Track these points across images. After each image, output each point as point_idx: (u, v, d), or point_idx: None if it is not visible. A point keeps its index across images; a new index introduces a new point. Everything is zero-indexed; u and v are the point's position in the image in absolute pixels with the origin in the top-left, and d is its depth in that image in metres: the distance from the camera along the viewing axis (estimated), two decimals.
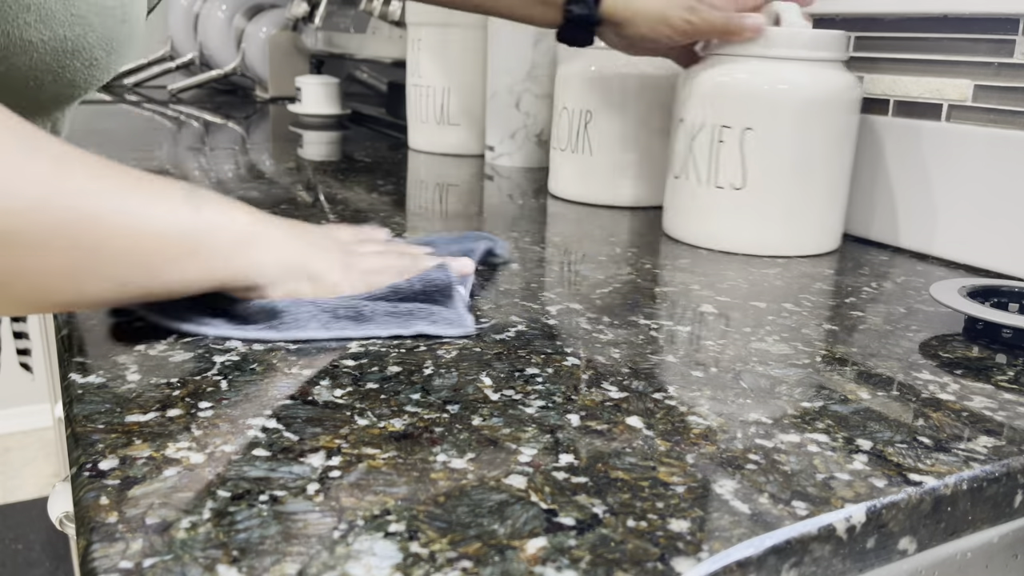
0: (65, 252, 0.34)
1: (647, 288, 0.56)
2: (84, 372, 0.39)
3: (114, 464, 0.31)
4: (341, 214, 0.75)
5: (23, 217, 0.32)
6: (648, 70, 0.80)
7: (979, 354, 0.47)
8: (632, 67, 0.80)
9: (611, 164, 0.82)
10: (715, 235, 0.67)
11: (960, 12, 0.63)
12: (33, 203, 0.32)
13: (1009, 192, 0.62)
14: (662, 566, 0.27)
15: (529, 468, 0.32)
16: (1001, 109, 0.63)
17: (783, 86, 0.63)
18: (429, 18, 1.12)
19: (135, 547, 0.26)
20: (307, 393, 0.37)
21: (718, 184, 0.66)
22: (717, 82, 0.65)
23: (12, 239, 0.32)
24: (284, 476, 0.30)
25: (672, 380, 0.41)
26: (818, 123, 0.64)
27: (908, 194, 0.69)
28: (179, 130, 1.31)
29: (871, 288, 0.59)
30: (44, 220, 0.32)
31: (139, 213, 0.36)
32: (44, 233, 0.33)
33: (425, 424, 0.35)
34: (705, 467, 0.33)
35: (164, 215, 0.38)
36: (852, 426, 0.37)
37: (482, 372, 0.41)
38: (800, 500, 0.31)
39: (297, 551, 0.26)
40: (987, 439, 0.36)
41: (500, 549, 0.27)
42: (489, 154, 1.09)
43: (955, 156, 0.65)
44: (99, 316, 0.46)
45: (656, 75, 0.81)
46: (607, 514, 0.29)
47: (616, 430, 0.35)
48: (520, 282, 0.56)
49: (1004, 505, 0.35)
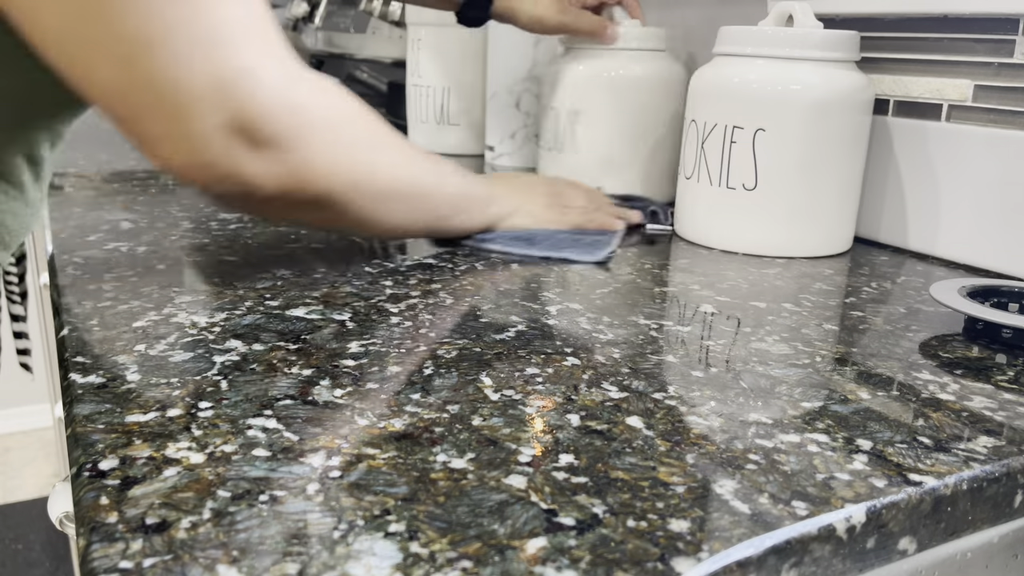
0: (413, 202, 0.56)
1: (647, 288, 0.56)
2: (84, 372, 0.39)
3: (114, 464, 0.31)
4: None
5: (404, 183, 0.54)
6: (636, 71, 0.80)
7: (979, 354, 0.47)
8: (622, 68, 0.80)
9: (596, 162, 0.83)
10: (727, 236, 0.67)
11: (960, 12, 0.63)
12: (408, 177, 0.55)
13: (1009, 192, 0.62)
14: (662, 566, 0.27)
15: (529, 468, 0.32)
16: (1001, 109, 0.63)
17: (795, 87, 0.63)
18: (429, 18, 1.12)
19: (135, 547, 0.26)
20: (307, 393, 0.37)
21: (730, 185, 0.66)
22: (729, 83, 0.65)
23: (395, 194, 0.54)
24: (284, 476, 0.30)
25: (672, 380, 0.41)
26: (831, 124, 0.63)
27: (908, 194, 0.69)
28: None
29: (871, 288, 0.59)
30: (409, 186, 0.55)
31: (445, 182, 0.60)
32: (408, 191, 0.55)
33: (425, 424, 0.35)
34: (705, 467, 0.33)
35: (455, 183, 0.61)
36: (852, 426, 0.37)
37: (482, 372, 0.41)
38: (800, 500, 0.31)
39: (297, 551, 0.26)
40: (987, 439, 0.36)
41: (500, 549, 0.27)
42: (489, 154, 1.09)
43: (955, 156, 0.65)
44: (99, 316, 0.46)
45: (645, 76, 0.81)
46: (607, 514, 0.29)
47: (616, 430, 0.35)
48: (520, 282, 0.56)
49: (1004, 505, 0.35)
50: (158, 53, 0.40)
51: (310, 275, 0.55)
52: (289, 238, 0.65)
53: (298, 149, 0.45)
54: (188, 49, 0.40)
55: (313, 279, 0.55)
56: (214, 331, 0.45)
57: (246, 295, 0.51)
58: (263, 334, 0.44)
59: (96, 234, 0.64)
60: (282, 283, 0.53)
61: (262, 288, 0.52)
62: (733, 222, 0.66)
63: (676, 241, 0.70)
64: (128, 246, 0.61)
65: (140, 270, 0.55)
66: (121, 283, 0.52)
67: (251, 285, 0.53)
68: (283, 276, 0.55)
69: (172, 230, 0.66)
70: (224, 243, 0.63)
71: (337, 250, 0.62)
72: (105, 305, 0.48)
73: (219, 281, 0.53)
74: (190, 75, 0.41)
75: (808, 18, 0.66)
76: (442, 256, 0.62)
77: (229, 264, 0.57)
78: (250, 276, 0.55)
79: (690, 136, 0.69)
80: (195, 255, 0.59)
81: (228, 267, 0.57)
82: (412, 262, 0.60)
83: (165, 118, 0.42)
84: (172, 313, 0.47)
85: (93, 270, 0.54)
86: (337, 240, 0.65)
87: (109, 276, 0.53)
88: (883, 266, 0.65)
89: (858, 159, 0.66)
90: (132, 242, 0.62)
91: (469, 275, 0.57)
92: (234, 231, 0.67)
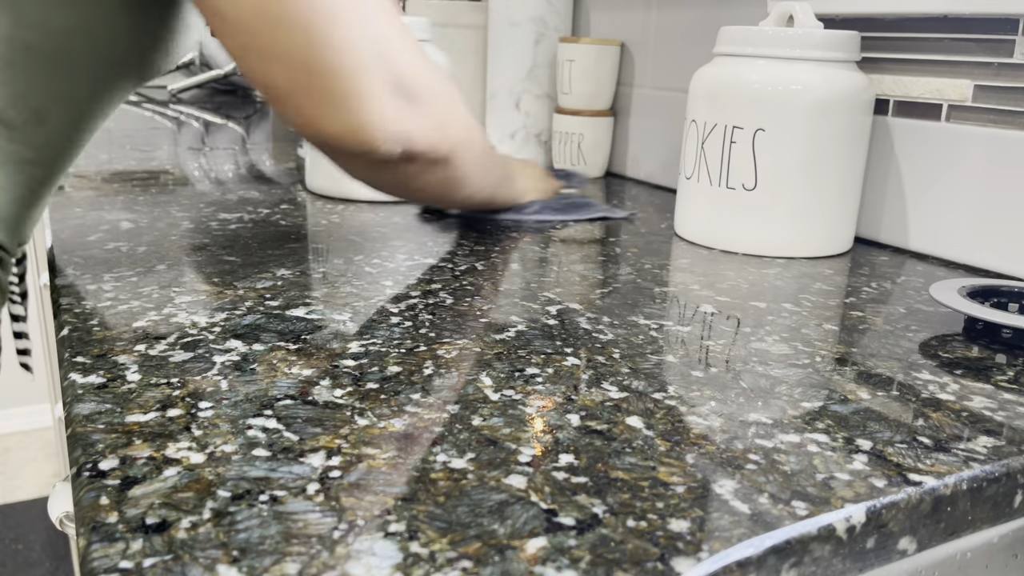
0: (488, 165, 0.64)
1: (647, 288, 0.56)
2: (84, 372, 0.39)
3: (114, 464, 0.31)
4: (342, 214, 0.75)
5: (485, 144, 0.62)
6: None
7: (979, 354, 0.47)
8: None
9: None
10: (727, 236, 0.67)
11: (960, 12, 0.63)
12: (484, 138, 0.61)
13: (1009, 192, 0.62)
14: (662, 566, 0.27)
15: (529, 468, 0.32)
16: (1001, 109, 0.63)
17: (796, 87, 0.63)
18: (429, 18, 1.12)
19: (135, 547, 0.26)
20: (307, 393, 0.37)
21: (730, 185, 0.66)
22: (729, 83, 0.65)
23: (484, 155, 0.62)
24: (284, 476, 0.30)
25: (672, 380, 0.41)
26: (831, 124, 0.63)
27: (908, 194, 0.69)
28: (179, 130, 1.31)
29: (871, 288, 0.59)
30: (487, 149, 0.63)
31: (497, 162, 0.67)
32: (488, 153, 0.63)
33: (425, 424, 0.35)
34: (705, 467, 0.33)
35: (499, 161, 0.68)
36: (852, 426, 0.37)
37: (482, 372, 0.41)
38: (800, 500, 0.31)
39: (297, 551, 0.26)
40: (987, 439, 0.36)
41: (500, 549, 0.27)
42: None
43: (955, 156, 0.65)
44: (99, 316, 0.46)
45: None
46: (607, 514, 0.29)
47: (616, 430, 0.35)
48: (520, 282, 0.56)
49: (1004, 505, 0.35)
50: (333, 28, 0.45)
51: (310, 275, 0.55)
52: (289, 238, 0.65)
53: (438, 103, 0.52)
54: (358, 24, 0.46)
55: (313, 279, 0.55)
56: (214, 331, 0.45)
57: (246, 295, 0.51)
58: (263, 334, 0.44)
59: (96, 234, 0.64)
60: (282, 283, 0.53)
61: (262, 288, 0.52)
62: (733, 222, 0.66)
63: (676, 241, 0.70)
64: (128, 246, 0.61)
65: (140, 270, 0.55)
66: (121, 283, 0.52)
67: (251, 285, 0.53)
68: (283, 276, 0.55)
69: (172, 230, 0.66)
70: (224, 243, 0.63)
71: (338, 250, 0.62)
72: (105, 305, 0.48)
73: (219, 281, 0.53)
74: (358, 46, 0.46)
75: (808, 18, 0.66)
76: (442, 256, 0.62)
77: (229, 264, 0.57)
78: (250, 276, 0.55)
79: (690, 136, 0.69)
80: (195, 255, 0.59)
81: (228, 267, 0.57)
82: (412, 262, 0.60)
83: (338, 89, 0.46)
84: (172, 313, 0.47)
85: (93, 270, 0.54)
86: (337, 240, 0.65)
87: (109, 276, 0.53)
88: (883, 266, 0.65)
89: (858, 159, 0.66)
90: (132, 242, 0.62)
91: (469, 275, 0.57)
92: (234, 231, 0.67)
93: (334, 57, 0.45)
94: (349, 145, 0.48)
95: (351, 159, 0.51)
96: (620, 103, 1.04)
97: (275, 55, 0.45)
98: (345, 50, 0.45)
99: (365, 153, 0.49)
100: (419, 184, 0.58)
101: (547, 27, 1.04)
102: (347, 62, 0.46)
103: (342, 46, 0.45)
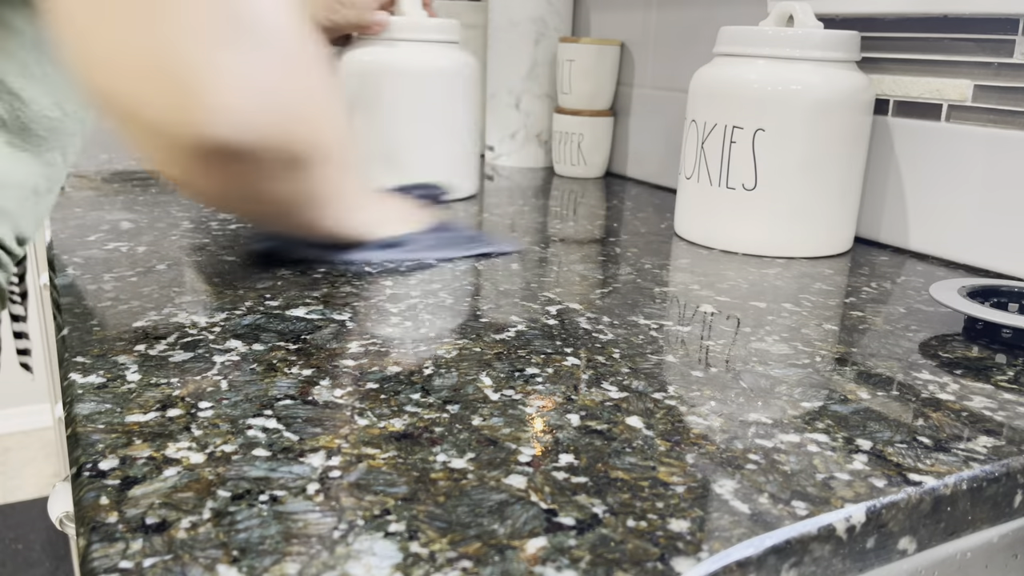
0: (331, 187, 0.52)
1: (647, 288, 0.56)
2: (84, 372, 0.39)
3: (114, 464, 0.31)
4: None
5: (322, 160, 0.48)
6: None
7: (979, 354, 0.47)
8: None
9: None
10: (727, 236, 0.67)
11: (960, 12, 0.63)
12: (327, 153, 0.49)
13: (1009, 192, 0.62)
14: (662, 566, 0.27)
15: (529, 468, 0.32)
16: (1001, 109, 0.63)
17: (795, 87, 0.63)
18: None
19: (135, 547, 0.26)
20: (307, 393, 0.37)
21: (730, 185, 0.66)
22: (729, 83, 0.65)
23: None
24: (284, 476, 0.30)
25: (672, 380, 0.41)
26: (831, 124, 0.63)
27: (908, 194, 0.69)
28: None
29: (871, 288, 0.59)
30: (328, 162, 0.49)
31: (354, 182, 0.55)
32: (323, 170, 0.49)
33: (425, 424, 0.35)
34: (705, 467, 0.33)
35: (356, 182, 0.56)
36: (852, 426, 0.37)
37: (482, 372, 0.41)
38: (800, 500, 0.31)
39: (297, 551, 0.26)
40: (987, 439, 0.36)
41: (500, 549, 0.27)
42: (489, 154, 1.09)
43: (955, 156, 0.65)
44: (99, 316, 0.46)
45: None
46: (607, 514, 0.29)
47: (616, 430, 0.35)
48: (520, 282, 0.56)
49: (1004, 505, 0.35)
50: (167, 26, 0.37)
51: (310, 275, 0.55)
52: None
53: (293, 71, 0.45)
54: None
55: (313, 279, 0.55)
56: (214, 331, 0.45)
57: (246, 295, 0.51)
58: (263, 334, 0.44)
59: (96, 234, 0.64)
60: (282, 283, 0.53)
61: (262, 288, 0.52)
62: (733, 222, 0.66)
63: (676, 241, 0.70)
64: (128, 246, 0.61)
65: (140, 270, 0.55)
66: (121, 283, 0.52)
67: (251, 285, 0.53)
68: (283, 276, 0.55)
69: (172, 230, 0.66)
70: (224, 243, 0.63)
71: None
72: (105, 305, 0.48)
73: (219, 281, 0.53)
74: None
75: (808, 18, 0.66)
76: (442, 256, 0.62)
77: (229, 264, 0.57)
78: (250, 276, 0.55)
79: (690, 136, 0.69)
80: (195, 255, 0.59)
81: (228, 267, 0.57)
82: (412, 262, 0.60)
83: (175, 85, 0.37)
84: (172, 313, 0.47)
85: (93, 270, 0.54)
86: None
87: (109, 276, 0.53)
88: (883, 266, 0.65)
89: (858, 159, 0.66)
90: (132, 242, 0.62)
91: (469, 275, 0.58)
92: (234, 231, 0.67)
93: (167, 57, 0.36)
94: (170, 127, 0.37)
95: (178, 158, 0.40)
96: (620, 103, 1.04)
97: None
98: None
99: (192, 138, 0.38)
100: (260, 191, 0.46)
101: (547, 27, 1.04)
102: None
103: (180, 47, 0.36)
